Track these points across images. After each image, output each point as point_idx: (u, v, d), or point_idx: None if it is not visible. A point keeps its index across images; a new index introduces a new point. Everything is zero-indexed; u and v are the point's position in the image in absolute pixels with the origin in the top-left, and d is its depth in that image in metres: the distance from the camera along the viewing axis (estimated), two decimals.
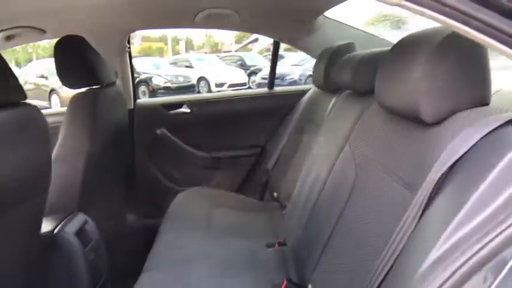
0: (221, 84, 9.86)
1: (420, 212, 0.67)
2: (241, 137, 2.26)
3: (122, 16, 1.75)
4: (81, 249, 1.29)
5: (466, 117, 0.73)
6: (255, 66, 10.95)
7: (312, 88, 2.05)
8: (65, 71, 1.46)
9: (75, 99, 1.47)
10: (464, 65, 0.75)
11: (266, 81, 2.37)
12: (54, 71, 1.47)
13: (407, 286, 0.58)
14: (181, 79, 10.22)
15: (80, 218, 1.37)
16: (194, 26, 1.90)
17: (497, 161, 0.57)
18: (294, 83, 8.86)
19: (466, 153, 0.64)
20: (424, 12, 0.57)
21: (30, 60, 12.53)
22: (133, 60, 2.14)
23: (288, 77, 9.19)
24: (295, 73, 9.15)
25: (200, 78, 10.34)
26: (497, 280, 0.51)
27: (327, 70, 1.60)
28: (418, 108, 0.78)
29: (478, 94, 0.76)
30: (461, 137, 0.67)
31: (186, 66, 11.30)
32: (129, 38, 2.04)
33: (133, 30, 1.99)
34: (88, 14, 1.63)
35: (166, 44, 19.51)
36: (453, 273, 0.53)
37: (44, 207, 1.16)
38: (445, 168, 0.66)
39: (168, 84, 9.90)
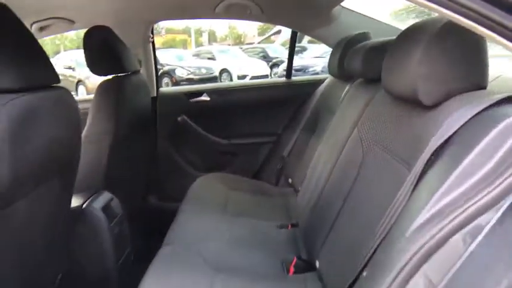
0: (243, 76, 9.88)
1: (413, 185, 0.73)
2: (258, 124, 2.34)
3: (145, 7, 1.84)
4: (106, 224, 1.39)
5: (462, 99, 0.78)
6: (278, 58, 10.91)
7: (328, 77, 2.09)
8: (93, 59, 1.56)
9: (102, 85, 1.58)
10: (462, 50, 0.80)
11: None
12: (81, 62, 1.58)
13: (398, 245, 0.65)
14: (203, 71, 10.29)
15: (105, 196, 1.47)
16: (215, 17, 1.97)
17: (483, 136, 0.62)
18: (316, 75, 8.83)
19: (458, 130, 0.70)
20: (418, 2, 0.62)
21: (57, 52, 12.87)
22: (157, 52, 2.23)
23: (310, 69, 9.14)
24: (317, 65, 9.09)
25: (222, 70, 10.40)
26: (474, 243, 0.57)
27: (341, 59, 1.65)
28: (417, 92, 0.83)
29: (475, 78, 0.80)
30: (455, 116, 0.72)
31: (209, 58, 11.38)
32: (152, 29, 2.13)
33: (157, 21, 2.08)
34: (114, 5, 1.73)
35: (189, 36, 19.69)
36: (436, 234, 0.59)
37: (73, 183, 1.26)
38: (437, 145, 0.71)
39: (191, 76, 10.00)
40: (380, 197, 0.94)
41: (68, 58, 10.06)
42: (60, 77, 1.08)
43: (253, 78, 9.58)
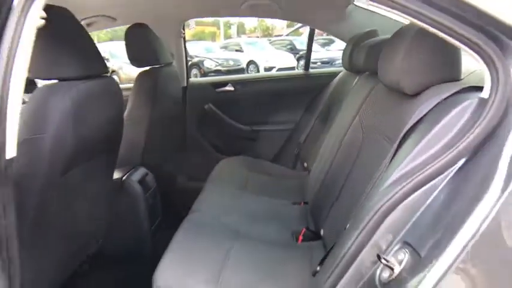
0: (270, 68, 9.92)
1: (392, 156, 0.91)
2: (278, 113, 2.54)
3: (178, 7, 2.07)
4: (142, 194, 1.63)
5: (437, 89, 0.94)
6: (305, 50, 10.89)
7: (342, 70, 2.26)
8: (133, 53, 1.80)
9: (141, 75, 1.81)
10: (438, 48, 0.95)
11: (314, 65, 2.58)
12: (115, 53, 1.81)
13: (373, 200, 0.83)
14: (231, 63, 10.45)
15: (142, 171, 1.71)
16: (239, 15, 2.18)
17: (444, 116, 0.79)
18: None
19: (428, 112, 0.87)
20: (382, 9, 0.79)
21: None
22: (187, 44, 2.46)
23: (337, 61, 9.15)
24: None
25: (250, 62, 10.51)
26: (431, 197, 0.75)
27: (351, 54, 1.81)
28: (401, 83, 1.00)
29: (449, 72, 0.97)
30: (428, 102, 0.90)
31: (237, 50, 11.51)
32: (184, 25, 2.35)
33: (188, 19, 2.31)
34: (151, 5, 1.96)
35: (218, 28, 19.87)
36: (402, 188, 0.77)
37: (116, 158, 1.49)
38: (411, 124, 0.90)
39: (219, 68, 10.17)
40: (373, 171, 1.12)
41: (102, 49, 10.39)
42: None
43: (279, 70, 9.67)
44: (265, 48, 11.65)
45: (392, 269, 0.74)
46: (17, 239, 0.86)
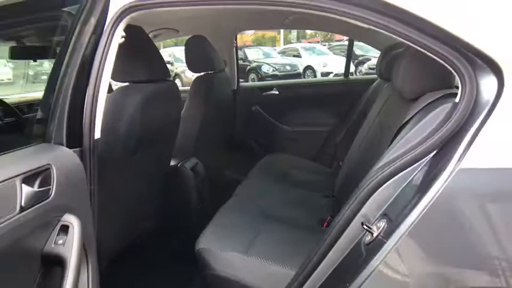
0: (327, 74, 9.93)
1: (389, 144, 1.12)
2: (318, 115, 2.77)
3: (231, 21, 2.37)
4: (193, 179, 1.92)
5: (430, 95, 1.13)
6: (364, 56, 10.76)
7: (378, 78, 2.43)
8: (192, 60, 2.11)
9: (197, 80, 2.13)
10: (433, 62, 1.14)
11: (373, 71, 2.76)
12: (178, 57, 2.13)
13: (370, 173, 1.04)
14: (288, 68, 10.70)
15: (193, 160, 2.00)
16: (283, 28, 2.45)
17: (425, 116, 0.99)
18: None
19: (416, 113, 1.07)
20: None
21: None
22: (246, 50, 2.75)
23: None
24: None
25: (307, 67, 10.68)
26: (410, 178, 0.95)
27: (381, 64, 2.00)
28: (403, 90, 1.21)
29: (442, 81, 1.14)
30: (419, 105, 1.10)
31: (294, 56, 11.74)
32: (236, 37, 2.66)
33: (239, 31, 2.63)
34: (208, 19, 2.28)
35: (279, 33, 20.11)
36: (387, 169, 0.97)
37: (173, 148, 1.80)
38: (403, 121, 1.10)
39: (276, 73, 10.39)
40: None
41: (166, 54, 11.06)
42: None
43: (336, 75, 9.73)
44: (323, 54, 11.74)
45: (372, 233, 0.95)
46: (98, 203, 1.16)
